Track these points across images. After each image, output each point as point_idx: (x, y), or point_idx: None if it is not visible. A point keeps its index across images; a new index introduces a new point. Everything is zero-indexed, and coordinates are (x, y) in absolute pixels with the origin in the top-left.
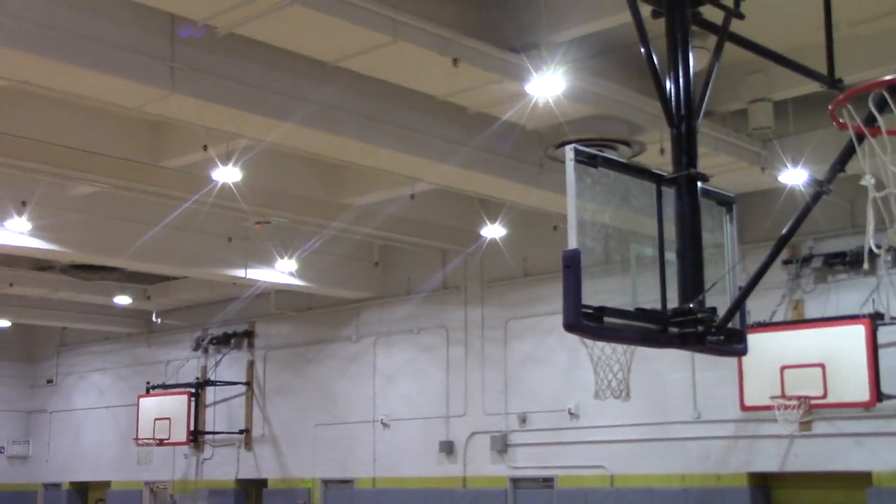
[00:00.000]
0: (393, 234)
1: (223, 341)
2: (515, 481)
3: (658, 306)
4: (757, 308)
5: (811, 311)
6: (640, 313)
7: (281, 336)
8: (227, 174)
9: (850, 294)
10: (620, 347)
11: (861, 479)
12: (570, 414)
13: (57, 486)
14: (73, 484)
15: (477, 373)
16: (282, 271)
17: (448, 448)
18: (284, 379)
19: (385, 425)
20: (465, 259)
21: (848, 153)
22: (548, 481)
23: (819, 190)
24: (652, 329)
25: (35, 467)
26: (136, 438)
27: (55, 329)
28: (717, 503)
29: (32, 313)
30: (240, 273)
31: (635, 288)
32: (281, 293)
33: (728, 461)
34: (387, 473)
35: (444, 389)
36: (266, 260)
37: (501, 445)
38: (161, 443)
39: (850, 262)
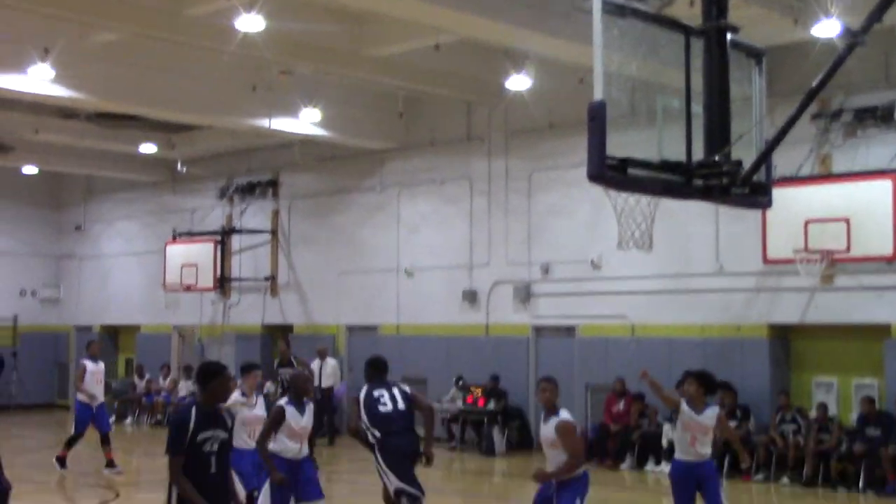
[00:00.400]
0: (417, 85)
1: (248, 190)
2: (537, 330)
3: (683, 158)
4: (784, 162)
5: (839, 166)
6: (665, 165)
7: (305, 185)
8: (251, 23)
9: (879, 149)
10: (644, 199)
11: (880, 332)
12: (593, 265)
13: (88, 328)
14: (103, 327)
15: (500, 223)
16: (306, 121)
17: (471, 297)
18: (309, 228)
19: (409, 274)
20: (489, 110)
21: (887, 1)
22: (569, 330)
23: (853, 41)
24: (676, 181)
25: (66, 310)
26: (164, 284)
27: (81, 177)
28: (736, 354)
29: (58, 160)
30: (263, 123)
31: (661, 140)
32: (305, 143)
33: (749, 313)
34: (410, 321)
35: (467, 239)
36: (290, 110)
37: (524, 295)
38: (188, 289)
39: (881, 116)
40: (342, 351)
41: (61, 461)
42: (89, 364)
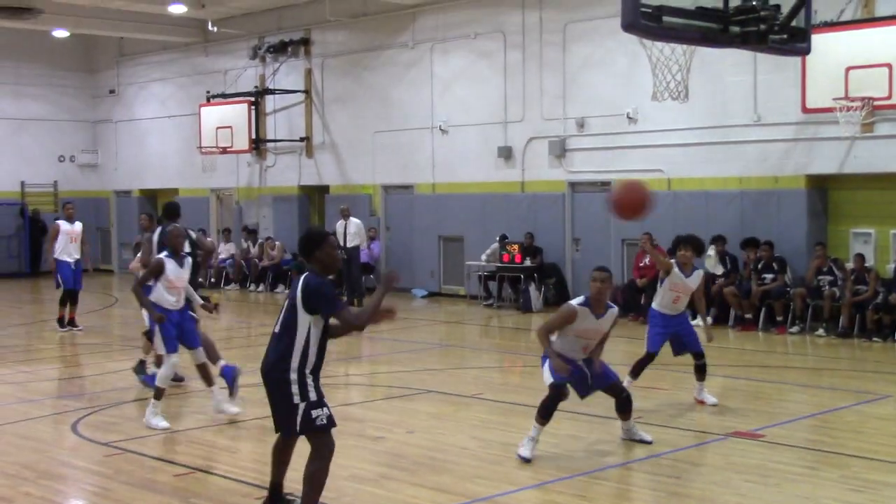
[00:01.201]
0: None
1: (280, 49)
2: (573, 185)
3: (720, 4)
4: (824, 6)
5: (882, 10)
6: (701, 12)
7: (337, 43)
8: None
9: None
10: (680, 48)
11: None
12: (629, 118)
13: (127, 192)
14: (142, 191)
15: (535, 78)
16: None
17: (506, 153)
18: (342, 87)
19: (443, 131)
20: None
21: None
22: (605, 185)
23: None
24: (713, 28)
25: (105, 175)
26: (200, 147)
27: (113, 39)
28: (773, 205)
29: (89, 23)
30: None
31: None
32: None
33: (786, 163)
34: (445, 178)
35: (501, 95)
36: None
37: (559, 150)
38: (224, 151)
39: None
40: (378, 211)
41: (60, 321)
42: (63, 224)
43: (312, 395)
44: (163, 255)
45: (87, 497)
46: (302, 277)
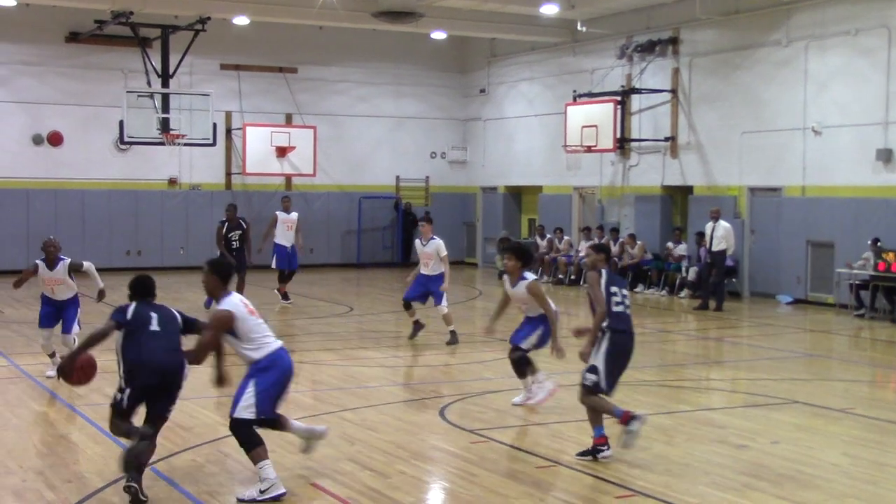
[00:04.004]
0: None
1: (647, 49)
2: None
3: None
4: None
5: None
6: None
7: (707, 42)
8: None
9: None
10: None
11: None
12: None
13: (493, 189)
14: (507, 188)
15: None
16: None
17: (886, 156)
18: (710, 86)
19: (816, 132)
20: None
21: None
22: None
23: None
24: None
25: (472, 172)
26: (565, 145)
27: (485, 41)
28: None
29: (465, 25)
30: None
31: None
32: None
33: None
34: (817, 182)
35: (883, 94)
36: None
37: None
38: (588, 150)
39: None
40: (744, 213)
41: (284, 295)
42: (281, 214)
43: None
44: (39, 259)
45: (454, 481)
46: None
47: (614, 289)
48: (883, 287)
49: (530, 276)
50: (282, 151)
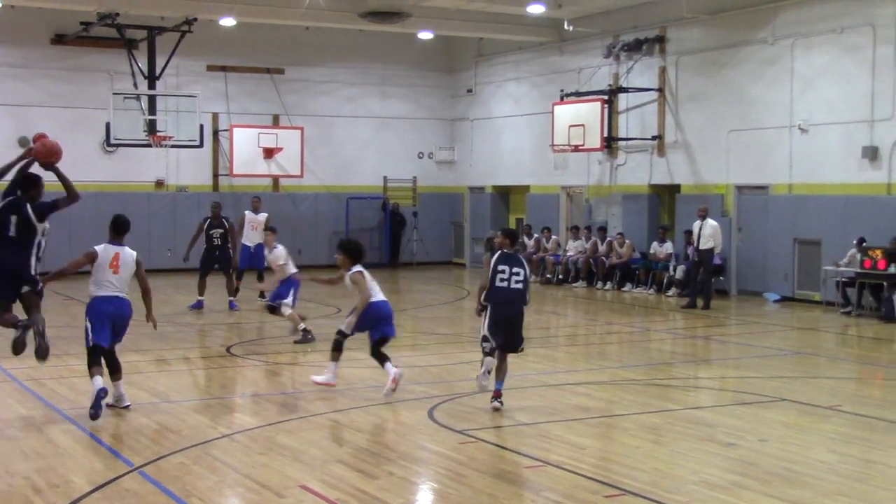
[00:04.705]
0: None
1: (634, 48)
2: None
3: None
4: None
5: None
6: None
7: (693, 41)
8: None
9: None
10: None
11: None
12: None
13: (481, 188)
14: (495, 187)
15: None
16: None
17: (872, 153)
18: (697, 84)
19: (802, 130)
20: None
21: None
22: None
23: None
24: None
25: (460, 171)
26: (552, 145)
27: (472, 40)
28: None
29: (452, 24)
30: None
31: None
32: None
33: None
34: (804, 179)
35: (868, 92)
36: None
37: None
38: (576, 149)
39: None
40: (731, 211)
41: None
42: (248, 214)
43: None
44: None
45: (443, 481)
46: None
47: (502, 267)
48: (869, 284)
49: (357, 268)
50: (269, 152)
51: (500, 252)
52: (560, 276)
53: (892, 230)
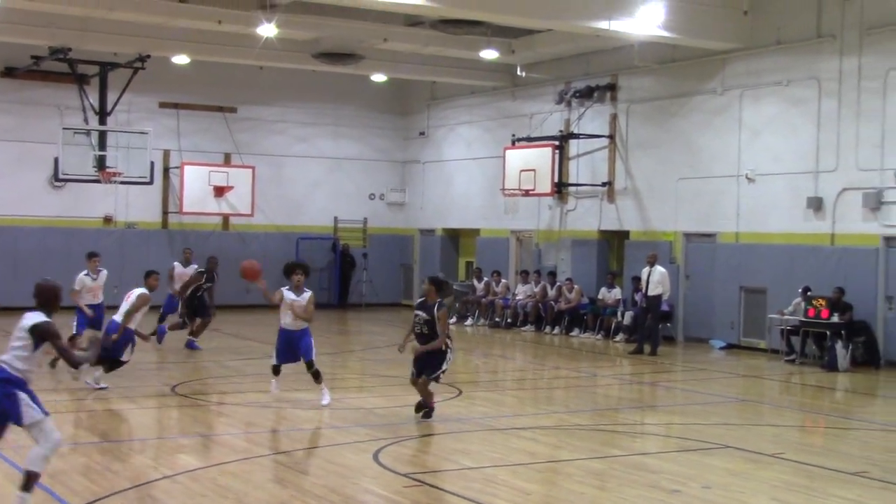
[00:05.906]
0: None
1: (586, 94)
2: (888, 240)
3: None
4: None
5: None
6: None
7: (644, 89)
8: None
9: None
10: None
11: None
12: None
13: (431, 231)
14: (445, 230)
15: (851, 127)
16: (646, 22)
17: (816, 204)
18: (647, 132)
19: (750, 180)
20: (842, 4)
21: None
22: None
23: None
24: None
25: (411, 214)
26: (503, 189)
27: (426, 83)
28: None
29: (406, 68)
30: (603, 25)
31: None
32: (644, 45)
33: None
34: (750, 228)
35: (813, 144)
36: (629, 10)
37: (875, 202)
38: (526, 193)
39: None
40: (679, 259)
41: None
42: (178, 267)
43: None
44: None
45: None
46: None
47: (416, 312)
48: (813, 333)
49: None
50: (220, 191)
51: (420, 301)
52: (509, 320)
53: (836, 280)
